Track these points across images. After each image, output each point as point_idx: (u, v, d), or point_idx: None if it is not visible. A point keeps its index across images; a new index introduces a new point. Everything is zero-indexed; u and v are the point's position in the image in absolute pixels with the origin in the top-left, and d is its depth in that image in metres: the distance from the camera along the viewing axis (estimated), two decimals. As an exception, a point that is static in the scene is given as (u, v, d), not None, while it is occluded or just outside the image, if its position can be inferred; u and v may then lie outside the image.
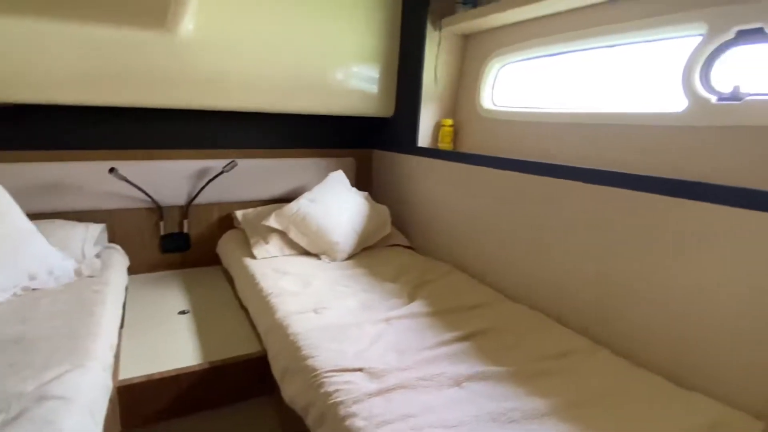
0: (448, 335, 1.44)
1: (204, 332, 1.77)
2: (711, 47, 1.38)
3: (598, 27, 1.69)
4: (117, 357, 1.48)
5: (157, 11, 1.58)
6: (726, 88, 1.36)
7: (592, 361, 1.33)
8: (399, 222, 2.58)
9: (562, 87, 1.95)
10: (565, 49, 1.89)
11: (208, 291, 2.17)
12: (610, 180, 1.44)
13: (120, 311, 1.72)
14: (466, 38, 2.39)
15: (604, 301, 1.47)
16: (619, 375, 1.26)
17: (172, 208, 2.38)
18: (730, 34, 1.34)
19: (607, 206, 1.46)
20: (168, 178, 2.32)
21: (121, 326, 1.70)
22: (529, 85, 2.12)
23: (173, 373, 1.48)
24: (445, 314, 1.60)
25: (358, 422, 1.02)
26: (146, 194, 2.25)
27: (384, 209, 2.49)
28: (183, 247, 2.44)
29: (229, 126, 2.44)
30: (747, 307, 1.13)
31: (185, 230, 2.42)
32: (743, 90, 1.33)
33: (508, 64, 2.18)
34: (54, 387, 1.11)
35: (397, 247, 2.42)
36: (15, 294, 1.61)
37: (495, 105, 2.26)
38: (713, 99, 1.37)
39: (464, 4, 2.15)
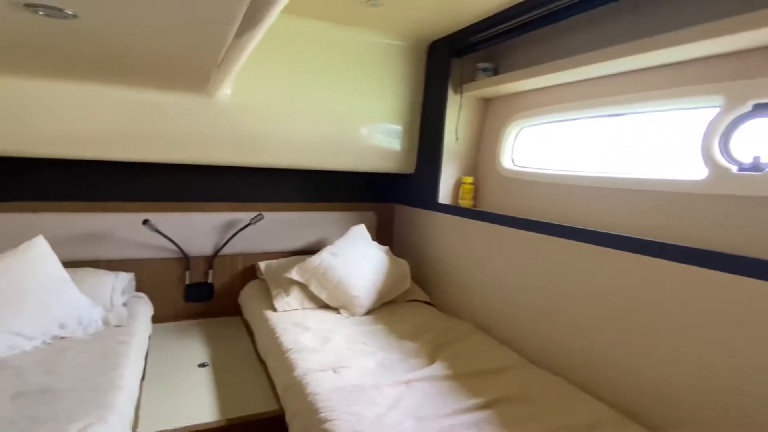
0: (470, 402, 1.41)
1: (222, 387, 1.77)
2: (728, 119, 1.41)
3: (616, 96, 1.74)
4: (137, 411, 1.49)
5: (200, 79, 1.71)
6: (746, 159, 1.38)
7: (620, 436, 1.27)
8: (419, 277, 2.59)
9: (581, 150, 1.99)
10: (584, 115, 1.94)
11: (228, 343, 2.19)
12: (636, 247, 1.44)
13: (142, 363, 1.74)
14: (487, 101, 2.49)
15: (634, 372, 1.43)
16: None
17: (198, 258, 2.45)
18: (747, 107, 1.37)
19: (634, 273, 1.45)
20: (197, 229, 2.41)
21: (143, 378, 1.72)
22: (548, 146, 2.17)
23: (190, 430, 1.48)
24: (466, 378, 1.57)
25: (376, 495, 1.00)
26: (175, 245, 2.33)
27: (404, 264, 2.51)
28: (206, 297, 2.48)
29: (257, 180, 2.55)
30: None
31: (210, 280, 2.48)
32: (764, 161, 1.34)
33: (528, 126, 2.25)
34: (77, 442, 1.12)
35: (416, 302, 2.41)
36: (45, 342, 1.66)
37: (515, 165, 2.31)
38: (733, 169, 1.38)
39: (485, 71, 2.26)
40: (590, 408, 1.41)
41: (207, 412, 1.58)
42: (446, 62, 2.39)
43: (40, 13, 1.00)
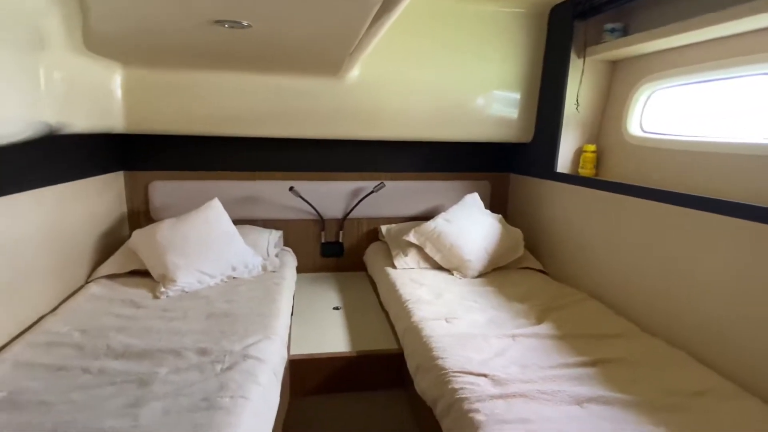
0: (574, 359, 1.50)
1: (353, 326, 2.10)
2: None
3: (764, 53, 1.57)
4: (289, 336, 1.88)
5: (334, 66, 1.98)
6: None
7: (731, 405, 1.26)
8: (533, 246, 2.63)
9: (722, 115, 1.83)
10: (728, 75, 1.77)
11: (356, 293, 2.53)
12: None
13: (291, 301, 2.15)
14: (613, 64, 2.36)
15: (759, 348, 1.37)
16: (761, 426, 1.18)
17: (331, 220, 2.83)
18: None
19: None
20: (330, 195, 2.78)
21: (292, 313, 2.13)
22: (682, 111, 2.01)
23: (330, 356, 1.83)
24: (573, 339, 1.65)
25: (479, 417, 1.18)
26: (314, 208, 2.73)
27: (517, 232, 2.57)
28: (338, 254, 2.87)
29: (380, 152, 2.82)
30: None
31: (340, 240, 2.86)
32: None
33: (661, 89, 2.11)
34: (252, 350, 1.50)
35: (529, 270, 2.48)
36: (222, 280, 2.15)
37: (644, 131, 2.19)
38: None
39: (612, 32, 2.16)
40: (702, 376, 1.40)
41: (341, 344, 1.92)
42: (569, 25, 2.32)
43: (225, 26, 1.32)
